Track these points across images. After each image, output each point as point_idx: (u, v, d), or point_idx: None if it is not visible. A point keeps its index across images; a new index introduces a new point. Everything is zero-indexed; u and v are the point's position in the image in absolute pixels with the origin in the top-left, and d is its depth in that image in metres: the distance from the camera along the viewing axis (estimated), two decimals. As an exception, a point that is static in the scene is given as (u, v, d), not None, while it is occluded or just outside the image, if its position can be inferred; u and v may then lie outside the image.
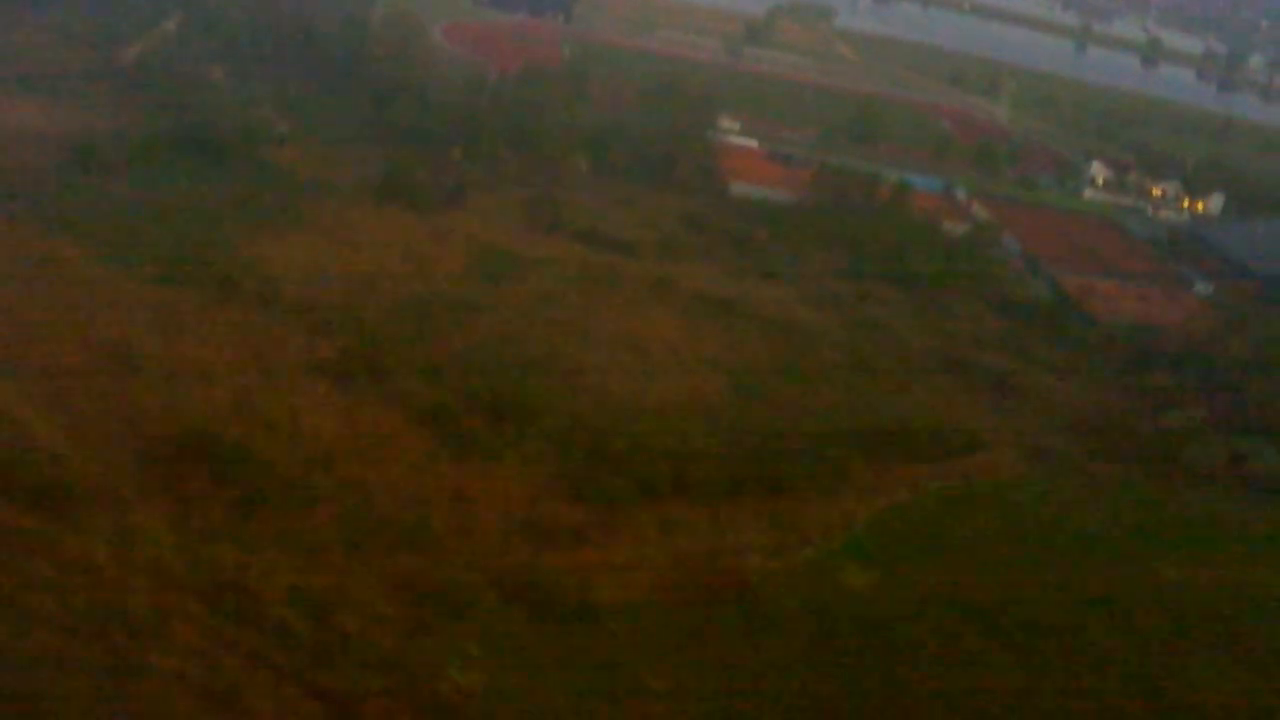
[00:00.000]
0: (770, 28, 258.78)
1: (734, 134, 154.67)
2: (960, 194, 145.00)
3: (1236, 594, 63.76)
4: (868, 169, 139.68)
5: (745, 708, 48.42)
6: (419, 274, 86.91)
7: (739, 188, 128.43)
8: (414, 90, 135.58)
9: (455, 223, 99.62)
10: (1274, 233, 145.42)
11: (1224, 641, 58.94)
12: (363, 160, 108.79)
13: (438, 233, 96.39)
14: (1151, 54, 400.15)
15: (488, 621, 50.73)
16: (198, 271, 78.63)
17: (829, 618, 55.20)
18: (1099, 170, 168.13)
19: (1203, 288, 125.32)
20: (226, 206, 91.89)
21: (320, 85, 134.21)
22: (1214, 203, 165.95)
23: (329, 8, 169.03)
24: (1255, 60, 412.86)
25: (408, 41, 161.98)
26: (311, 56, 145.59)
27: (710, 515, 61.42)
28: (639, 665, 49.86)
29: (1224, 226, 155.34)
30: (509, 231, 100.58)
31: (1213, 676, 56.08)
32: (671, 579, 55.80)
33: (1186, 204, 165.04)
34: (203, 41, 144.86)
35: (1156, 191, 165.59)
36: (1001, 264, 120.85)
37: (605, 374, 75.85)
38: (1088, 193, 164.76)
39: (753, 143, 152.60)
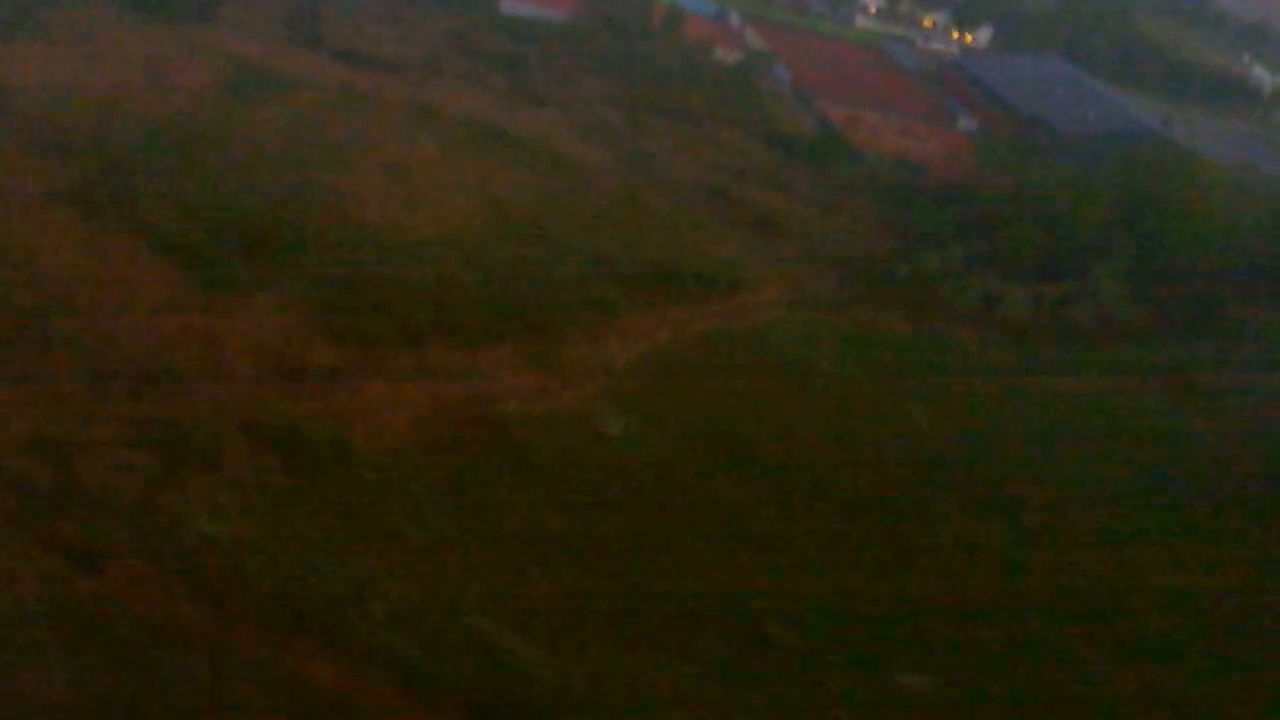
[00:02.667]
0: None
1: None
2: (734, 19, 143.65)
3: (977, 435, 66.41)
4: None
5: (501, 556, 48.41)
6: (167, 92, 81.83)
7: (509, 5, 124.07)
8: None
9: (207, 36, 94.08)
10: (1038, 68, 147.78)
11: (960, 481, 61.52)
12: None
13: (188, 46, 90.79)
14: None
15: (237, 470, 49.29)
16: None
17: (587, 463, 55.39)
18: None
19: (966, 123, 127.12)
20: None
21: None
22: (983, 35, 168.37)
23: None
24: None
25: None
26: None
27: (470, 358, 60.48)
28: (395, 513, 49.40)
29: (990, 60, 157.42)
30: (265, 47, 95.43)
31: (949, 515, 58.57)
32: (429, 424, 55.05)
33: (956, 35, 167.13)
34: None
35: (928, 22, 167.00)
36: (772, 95, 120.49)
37: (365, 206, 73.02)
38: (860, 20, 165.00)
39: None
